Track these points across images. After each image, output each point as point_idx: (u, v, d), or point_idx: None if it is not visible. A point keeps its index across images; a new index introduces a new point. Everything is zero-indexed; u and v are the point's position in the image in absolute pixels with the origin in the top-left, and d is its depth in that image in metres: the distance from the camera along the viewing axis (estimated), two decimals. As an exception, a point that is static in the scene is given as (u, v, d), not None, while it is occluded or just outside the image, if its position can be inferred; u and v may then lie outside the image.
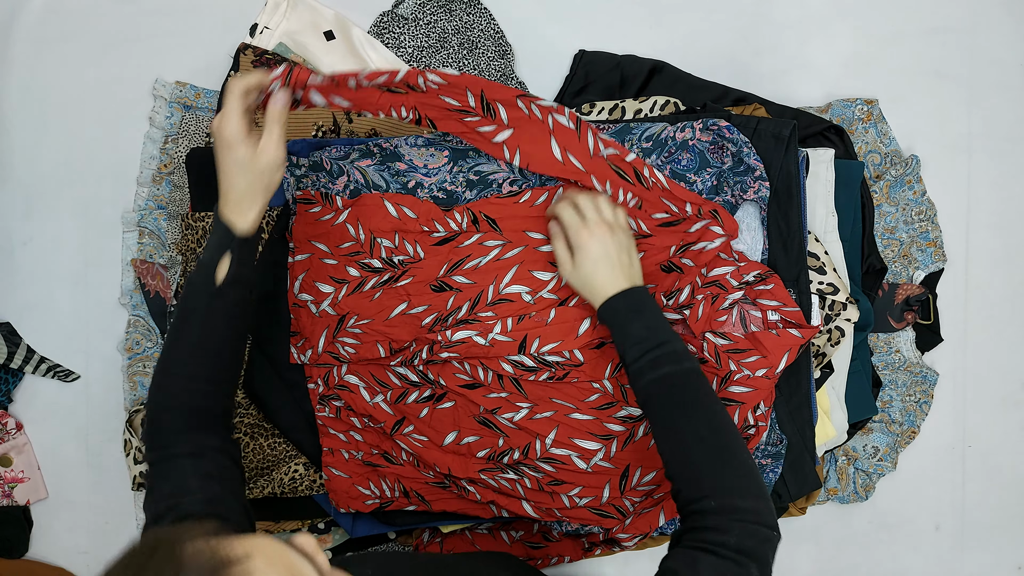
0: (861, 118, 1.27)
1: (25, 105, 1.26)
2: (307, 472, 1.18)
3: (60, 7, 1.26)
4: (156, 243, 1.24)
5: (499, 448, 1.11)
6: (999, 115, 1.31)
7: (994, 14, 1.30)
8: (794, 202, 1.11)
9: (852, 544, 1.32)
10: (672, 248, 1.09)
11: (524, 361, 1.09)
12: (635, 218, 1.10)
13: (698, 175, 1.12)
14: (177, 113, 1.24)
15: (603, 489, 1.10)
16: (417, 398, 1.13)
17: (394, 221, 1.12)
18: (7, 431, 1.26)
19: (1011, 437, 1.32)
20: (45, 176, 1.26)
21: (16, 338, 1.25)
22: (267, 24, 1.24)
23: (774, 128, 1.11)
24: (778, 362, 1.07)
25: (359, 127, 1.21)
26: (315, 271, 1.13)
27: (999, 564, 1.33)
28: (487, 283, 1.10)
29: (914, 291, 1.27)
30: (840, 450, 1.28)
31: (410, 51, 1.26)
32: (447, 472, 1.13)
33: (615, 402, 1.11)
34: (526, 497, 1.12)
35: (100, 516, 1.28)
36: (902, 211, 1.29)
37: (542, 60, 1.28)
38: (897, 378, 1.29)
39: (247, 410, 1.18)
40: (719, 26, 1.29)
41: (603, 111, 1.21)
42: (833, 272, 1.15)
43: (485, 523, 1.22)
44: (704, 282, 1.08)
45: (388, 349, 1.11)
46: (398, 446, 1.15)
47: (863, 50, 1.30)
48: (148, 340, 1.25)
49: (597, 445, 1.10)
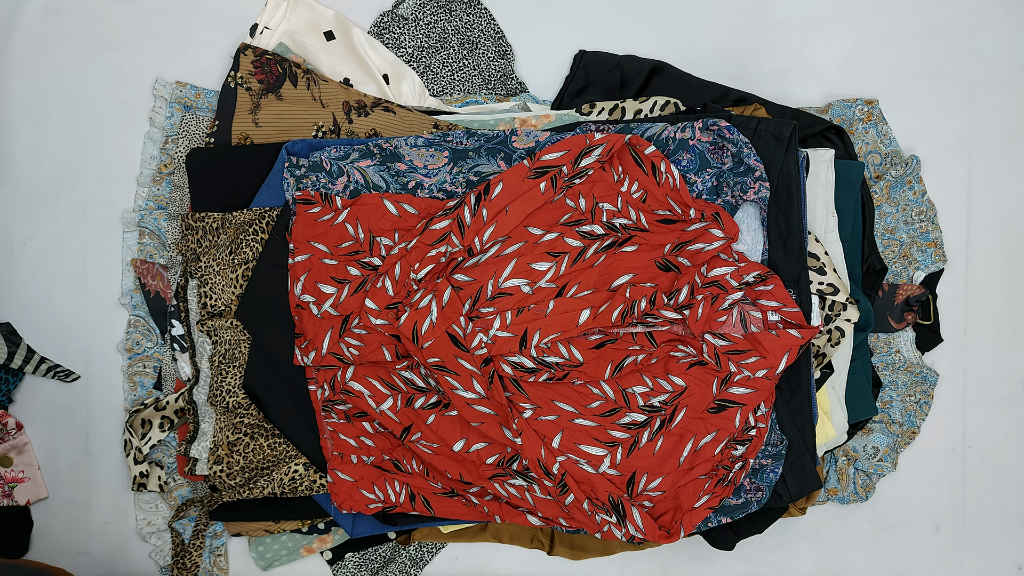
0: (861, 118, 1.27)
1: (25, 105, 1.26)
2: (307, 472, 1.18)
3: (60, 7, 1.26)
4: (156, 243, 1.24)
5: (507, 455, 1.12)
6: (999, 115, 1.31)
7: (994, 14, 1.30)
8: (794, 202, 1.11)
9: (852, 544, 1.32)
10: (667, 246, 1.10)
11: (524, 363, 1.09)
12: (636, 210, 1.10)
13: (698, 175, 1.12)
14: (177, 113, 1.24)
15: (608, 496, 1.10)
16: (424, 404, 1.13)
17: (394, 219, 1.12)
18: (7, 431, 1.26)
19: (1011, 437, 1.32)
20: (45, 176, 1.26)
21: (16, 338, 1.25)
22: (267, 24, 1.24)
23: (774, 128, 1.11)
24: (778, 363, 1.07)
25: (359, 127, 1.21)
26: (316, 272, 1.13)
27: (999, 564, 1.33)
28: (486, 279, 1.11)
29: (914, 291, 1.27)
30: (840, 450, 1.28)
31: (410, 51, 1.26)
32: (458, 478, 1.13)
33: (618, 408, 1.11)
34: (535, 506, 1.13)
35: (100, 516, 1.28)
36: (902, 211, 1.29)
37: (542, 60, 1.28)
38: (897, 378, 1.29)
39: (247, 410, 1.18)
40: (719, 26, 1.29)
41: (603, 111, 1.21)
42: (833, 272, 1.15)
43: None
44: (704, 282, 1.08)
45: (394, 352, 1.11)
46: (409, 452, 1.15)
47: (863, 50, 1.30)
48: (148, 340, 1.25)
49: (602, 451, 1.10)
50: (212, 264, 1.17)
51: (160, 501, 1.26)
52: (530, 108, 1.23)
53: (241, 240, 1.17)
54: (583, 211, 1.11)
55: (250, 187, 1.17)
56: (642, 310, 1.07)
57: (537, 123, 1.20)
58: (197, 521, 1.21)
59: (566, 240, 1.11)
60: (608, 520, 1.10)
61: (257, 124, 1.20)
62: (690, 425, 1.11)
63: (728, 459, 1.11)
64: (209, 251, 1.17)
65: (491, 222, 1.09)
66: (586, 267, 1.11)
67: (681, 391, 1.10)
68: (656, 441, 1.11)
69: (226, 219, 1.16)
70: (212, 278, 1.18)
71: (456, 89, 1.27)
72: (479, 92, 1.27)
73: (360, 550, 1.26)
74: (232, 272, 1.17)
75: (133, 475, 1.22)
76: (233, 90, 1.20)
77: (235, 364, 1.18)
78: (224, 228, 1.17)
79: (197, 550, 1.22)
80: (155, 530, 1.26)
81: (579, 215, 1.11)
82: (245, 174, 1.17)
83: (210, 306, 1.18)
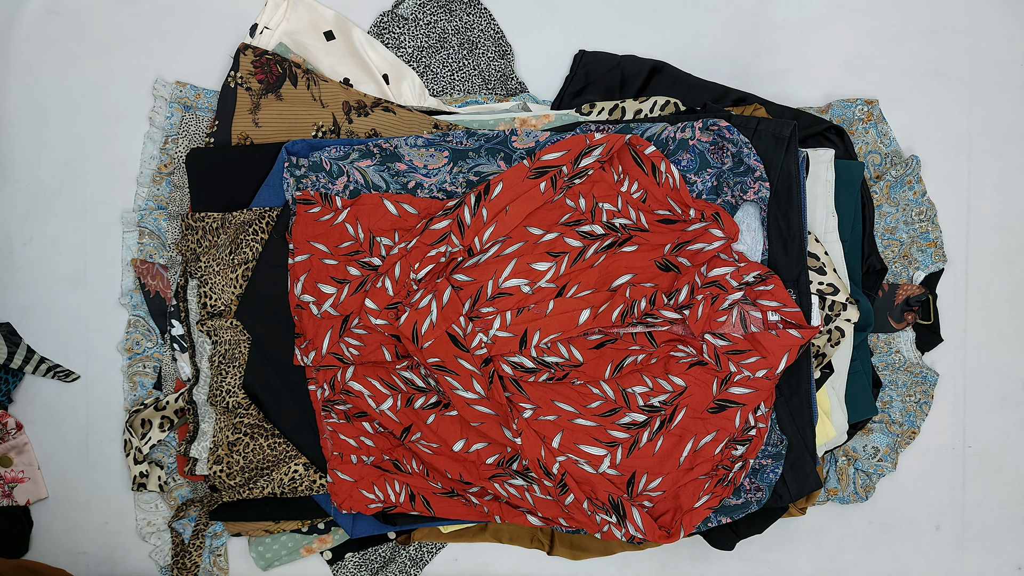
0: (861, 118, 1.27)
1: (25, 105, 1.26)
2: (307, 472, 1.18)
3: (60, 7, 1.26)
4: (156, 243, 1.24)
5: (507, 455, 1.12)
6: (999, 115, 1.31)
7: (994, 14, 1.30)
8: (794, 202, 1.11)
9: (852, 544, 1.32)
10: (667, 246, 1.10)
11: (524, 363, 1.09)
12: (636, 210, 1.10)
13: (698, 175, 1.12)
14: (177, 113, 1.24)
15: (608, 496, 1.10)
16: (423, 404, 1.13)
17: (394, 219, 1.12)
18: (7, 431, 1.26)
19: (1011, 437, 1.32)
20: (45, 176, 1.26)
21: (16, 338, 1.25)
22: (267, 24, 1.24)
23: (774, 128, 1.11)
24: (778, 363, 1.07)
25: (359, 127, 1.21)
26: (316, 272, 1.13)
27: (999, 564, 1.33)
28: (486, 279, 1.11)
29: (914, 291, 1.27)
30: (840, 450, 1.28)
31: (410, 51, 1.26)
32: (458, 478, 1.13)
33: (618, 408, 1.11)
34: (535, 506, 1.13)
35: (100, 516, 1.28)
36: (902, 211, 1.29)
37: (542, 60, 1.28)
38: (897, 378, 1.29)
39: (247, 410, 1.18)
40: (719, 26, 1.29)
41: (603, 111, 1.21)
42: (833, 272, 1.15)
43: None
44: (704, 282, 1.08)
45: (394, 352, 1.11)
46: (409, 452, 1.15)
47: (863, 50, 1.30)
48: (148, 340, 1.25)
49: (602, 451, 1.10)
50: (212, 264, 1.17)
51: (160, 501, 1.26)
52: (530, 108, 1.23)
53: (241, 240, 1.17)
54: (583, 211, 1.11)
55: (250, 187, 1.17)
56: (642, 310, 1.08)
57: (537, 123, 1.20)
58: (197, 521, 1.21)
59: (566, 240, 1.11)
60: (608, 520, 1.10)
61: (257, 124, 1.20)
62: (690, 425, 1.11)
63: (728, 459, 1.11)
64: (209, 251, 1.17)
65: (491, 222, 1.09)
66: (586, 267, 1.11)
67: (681, 391, 1.10)
68: (656, 441, 1.11)
69: (226, 219, 1.16)
70: (212, 278, 1.18)
71: (456, 89, 1.27)
72: (479, 92, 1.27)
73: (360, 550, 1.26)
74: (232, 272, 1.17)
75: (133, 475, 1.22)
76: (233, 90, 1.20)
77: (235, 364, 1.18)
78: (224, 228, 1.17)
79: (197, 550, 1.22)
80: (155, 530, 1.26)
81: (579, 215, 1.11)
82: (245, 174, 1.17)
83: (210, 306, 1.18)
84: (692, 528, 1.10)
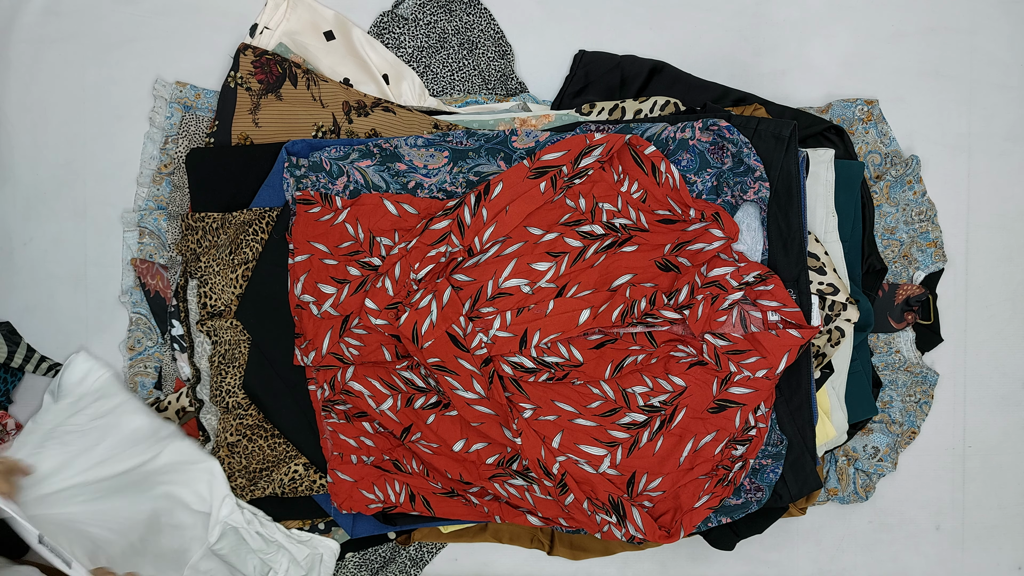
0: (861, 118, 1.27)
1: (25, 105, 1.26)
2: (307, 472, 1.18)
3: (60, 7, 1.26)
4: (156, 243, 1.24)
5: (507, 455, 1.12)
6: (999, 115, 1.31)
7: (994, 14, 1.30)
8: (794, 202, 1.11)
9: (852, 544, 1.32)
10: (667, 246, 1.10)
11: (524, 363, 1.09)
12: (636, 210, 1.10)
13: (698, 175, 1.12)
14: (177, 113, 1.24)
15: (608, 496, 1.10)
16: (424, 404, 1.13)
17: (394, 219, 1.12)
18: (7, 431, 1.25)
19: (1011, 437, 1.32)
20: (45, 176, 1.26)
21: (16, 337, 1.25)
22: (267, 24, 1.24)
23: (774, 128, 1.11)
24: (778, 363, 1.07)
25: (359, 127, 1.21)
26: (316, 272, 1.13)
27: (999, 564, 1.33)
28: (486, 279, 1.11)
29: (914, 291, 1.27)
30: (840, 450, 1.28)
31: (410, 51, 1.26)
32: (458, 478, 1.13)
33: (618, 408, 1.11)
34: (535, 506, 1.13)
35: (100, 516, 1.28)
36: (902, 211, 1.29)
37: (542, 60, 1.28)
38: (897, 378, 1.29)
39: (247, 410, 1.18)
40: (719, 26, 1.29)
41: (603, 111, 1.21)
42: (833, 272, 1.15)
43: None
44: (704, 282, 1.08)
45: (394, 352, 1.11)
46: (409, 452, 1.15)
47: (863, 50, 1.30)
48: (149, 339, 1.25)
49: (602, 451, 1.10)
50: (212, 264, 1.17)
51: (160, 501, 1.26)
52: (530, 108, 1.23)
53: (241, 240, 1.17)
54: (583, 211, 1.11)
55: (250, 187, 1.17)
56: (642, 310, 1.08)
57: (537, 123, 1.20)
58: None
59: (566, 240, 1.11)
60: (608, 520, 1.10)
61: (257, 124, 1.20)
62: (690, 425, 1.11)
63: (728, 459, 1.11)
64: (209, 251, 1.17)
65: (491, 222, 1.09)
66: (586, 267, 1.11)
67: (681, 391, 1.10)
68: (656, 441, 1.11)
69: (226, 219, 1.16)
70: (212, 278, 1.18)
71: (456, 89, 1.27)
72: (479, 92, 1.27)
73: (360, 550, 1.26)
74: (232, 272, 1.17)
75: (133, 475, 1.22)
76: (233, 90, 1.20)
77: (235, 364, 1.18)
78: (224, 228, 1.17)
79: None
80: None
81: (579, 215, 1.12)
82: (245, 174, 1.17)
83: (210, 306, 1.18)
84: (692, 528, 1.10)
